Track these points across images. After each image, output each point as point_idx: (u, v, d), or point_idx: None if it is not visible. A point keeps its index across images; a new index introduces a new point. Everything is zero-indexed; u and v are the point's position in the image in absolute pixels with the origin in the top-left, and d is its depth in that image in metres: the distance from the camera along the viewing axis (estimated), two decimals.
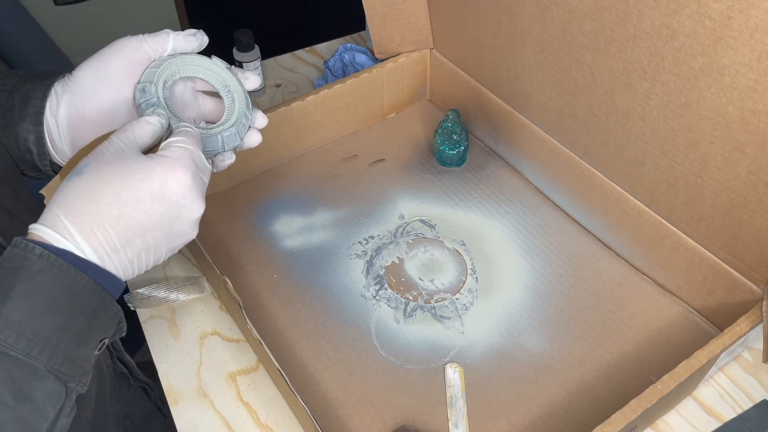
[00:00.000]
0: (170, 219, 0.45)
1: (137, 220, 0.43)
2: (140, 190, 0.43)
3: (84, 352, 0.43)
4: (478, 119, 0.87)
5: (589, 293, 0.71)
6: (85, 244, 0.42)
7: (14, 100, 0.53)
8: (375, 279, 0.72)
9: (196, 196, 0.46)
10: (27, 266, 0.40)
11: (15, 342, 0.39)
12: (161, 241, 0.45)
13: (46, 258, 0.41)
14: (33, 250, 0.41)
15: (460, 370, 0.64)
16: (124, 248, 0.43)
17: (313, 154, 0.87)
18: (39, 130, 0.53)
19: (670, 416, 0.62)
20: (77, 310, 0.42)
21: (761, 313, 0.59)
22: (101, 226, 0.42)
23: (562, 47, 0.66)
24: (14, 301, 0.40)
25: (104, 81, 0.52)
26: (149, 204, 0.43)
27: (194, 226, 0.47)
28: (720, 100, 0.54)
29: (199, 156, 0.47)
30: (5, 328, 0.39)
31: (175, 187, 0.44)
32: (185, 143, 0.46)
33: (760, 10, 0.47)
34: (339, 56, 0.96)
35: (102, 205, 0.42)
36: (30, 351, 0.40)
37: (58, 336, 0.41)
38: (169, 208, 0.44)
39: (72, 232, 0.42)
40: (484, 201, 0.81)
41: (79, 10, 1.54)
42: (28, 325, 0.40)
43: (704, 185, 0.60)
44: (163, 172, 0.44)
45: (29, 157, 0.54)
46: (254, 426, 0.62)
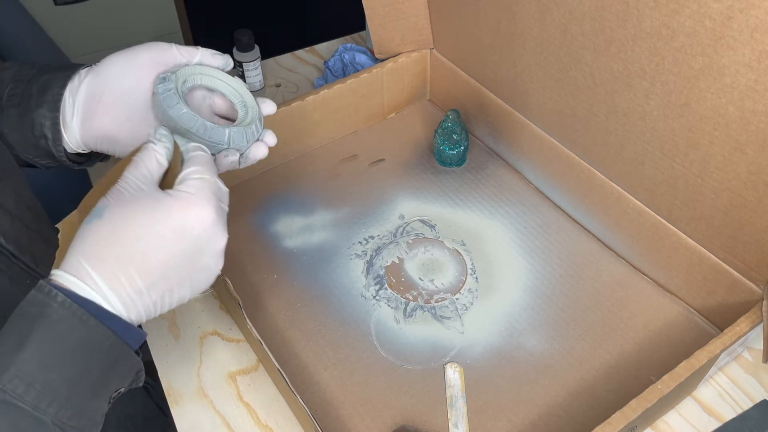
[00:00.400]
0: (193, 255, 0.44)
1: (160, 260, 0.42)
2: (162, 230, 0.42)
3: (97, 404, 0.42)
4: (478, 119, 0.87)
5: (589, 293, 0.71)
6: (108, 290, 0.41)
7: (32, 89, 0.54)
8: (375, 279, 0.72)
9: (219, 227, 0.45)
10: (47, 314, 0.39)
11: (24, 393, 0.38)
12: (184, 279, 0.44)
13: (68, 307, 0.40)
14: (56, 297, 0.40)
15: (460, 370, 0.64)
16: (148, 290, 0.42)
17: (313, 154, 0.87)
18: (55, 116, 0.53)
19: (670, 416, 0.62)
20: (93, 362, 0.41)
21: (761, 313, 0.59)
22: (125, 270, 0.41)
23: (562, 47, 0.66)
24: (29, 351, 0.39)
25: (129, 69, 0.52)
26: (171, 243, 0.42)
27: (218, 258, 0.46)
28: (720, 100, 0.54)
29: (217, 186, 0.46)
30: (16, 377, 0.38)
31: (197, 223, 0.43)
32: (201, 173, 0.46)
33: (760, 10, 0.47)
34: (339, 56, 0.96)
35: (124, 248, 0.41)
36: (38, 403, 0.39)
37: (70, 389, 0.40)
38: (191, 244, 0.43)
39: (95, 278, 0.41)
40: (484, 201, 0.81)
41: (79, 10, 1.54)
42: (39, 376, 0.39)
43: (704, 185, 0.60)
44: (182, 208, 0.43)
45: (44, 144, 0.54)
46: (254, 426, 0.62)
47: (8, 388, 0.38)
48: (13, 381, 0.38)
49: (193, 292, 0.46)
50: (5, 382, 0.38)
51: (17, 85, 0.55)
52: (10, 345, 0.39)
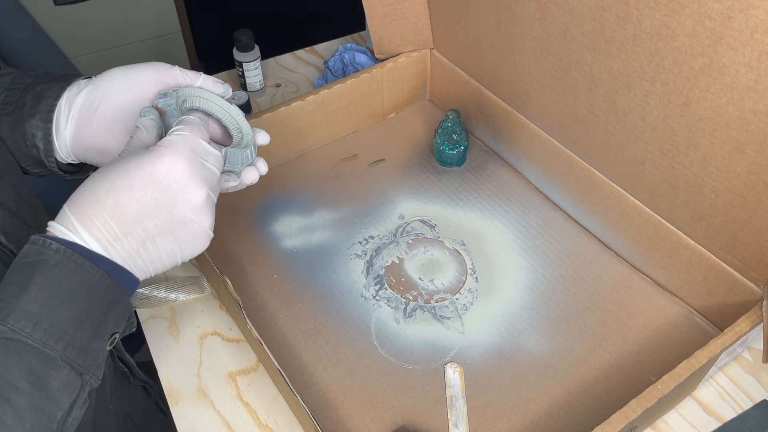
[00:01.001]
0: (167, 204, 0.45)
1: (132, 207, 0.44)
2: (132, 177, 0.44)
3: (98, 345, 0.44)
4: (478, 119, 0.87)
5: (589, 293, 0.71)
6: (85, 232, 0.43)
7: (26, 98, 0.54)
8: (375, 279, 0.72)
9: (192, 179, 0.46)
10: (44, 260, 0.42)
11: (32, 331, 0.40)
12: (164, 230, 0.45)
13: (63, 253, 0.42)
14: (50, 246, 0.42)
15: (460, 370, 0.64)
16: (126, 237, 0.44)
17: (313, 154, 0.87)
18: (47, 127, 0.54)
19: (670, 416, 0.62)
20: (92, 303, 0.43)
21: (761, 313, 0.59)
22: (99, 214, 0.43)
23: (562, 47, 0.66)
24: (32, 293, 0.41)
25: (129, 84, 0.54)
26: (141, 190, 0.44)
27: (199, 212, 0.47)
28: (720, 100, 0.54)
29: (198, 143, 0.47)
30: (23, 318, 0.40)
31: (165, 172, 0.45)
32: (183, 131, 0.47)
33: (760, 10, 0.47)
34: (339, 56, 0.96)
35: (98, 194, 0.44)
36: (47, 341, 0.41)
37: (74, 327, 0.42)
38: (163, 193, 0.45)
39: (74, 222, 0.43)
40: (484, 201, 0.81)
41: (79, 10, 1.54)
42: (44, 315, 0.41)
43: (704, 185, 0.60)
44: (153, 158, 0.45)
45: (35, 153, 0.55)
46: (254, 426, 0.62)
47: (17, 327, 0.40)
48: (20, 321, 0.40)
49: (181, 248, 0.47)
50: (13, 321, 0.40)
51: (12, 93, 0.55)
52: (12, 291, 0.41)
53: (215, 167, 0.49)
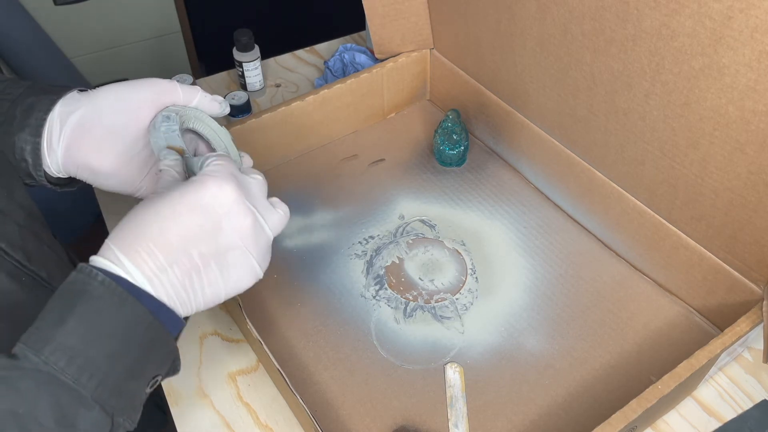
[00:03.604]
0: (212, 231, 0.44)
1: (178, 234, 0.43)
2: (177, 205, 0.43)
3: (135, 386, 0.42)
4: (478, 119, 0.87)
5: (589, 293, 0.71)
6: (130, 264, 0.42)
7: (16, 110, 0.53)
8: (375, 279, 0.72)
9: (239, 204, 0.45)
10: (88, 291, 0.40)
11: (65, 366, 0.39)
12: (209, 259, 0.44)
13: (107, 285, 0.41)
14: (96, 276, 0.41)
15: (460, 370, 0.64)
16: (171, 267, 0.43)
17: (313, 154, 0.87)
18: (36, 141, 0.52)
19: (670, 416, 0.62)
20: (132, 341, 0.41)
21: (761, 313, 0.59)
22: (144, 245, 0.42)
23: (562, 47, 0.66)
24: (70, 325, 0.40)
25: (126, 105, 0.53)
26: (187, 217, 0.43)
27: (245, 237, 0.45)
28: (720, 100, 0.54)
29: (234, 168, 0.47)
30: (57, 350, 0.39)
31: (211, 197, 0.44)
32: (219, 160, 0.47)
33: (760, 10, 0.47)
34: (339, 56, 0.96)
35: (143, 227, 0.43)
36: (79, 377, 0.39)
37: (109, 365, 0.40)
38: (208, 218, 0.44)
39: (117, 254, 0.42)
40: (484, 201, 0.81)
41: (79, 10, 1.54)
42: (80, 350, 0.39)
43: (704, 185, 0.60)
44: (198, 187, 0.44)
45: (24, 166, 0.54)
46: (254, 426, 0.62)
47: (50, 360, 0.39)
48: (55, 353, 0.39)
49: (224, 279, 0.45)
50: (47, 354, 0.39)
51: (2, 104, 0.54)
52: (52, 320, 0.40)
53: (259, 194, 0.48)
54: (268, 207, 0.49)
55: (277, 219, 0.49)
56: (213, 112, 0.56)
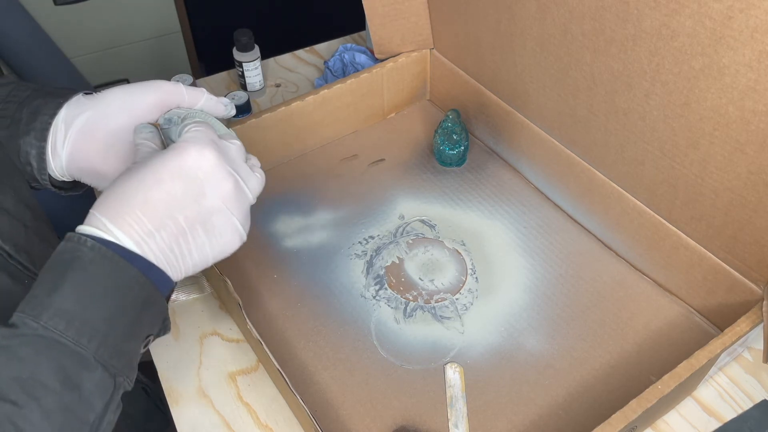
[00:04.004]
0: (195, 195, 0.45)
1: (162, 200, 0.44)
2: (160, 172, 0.44)
3: (132, 346, 0.43)
4: (478, 119, 0.87)
5: (589, 293, 0.71)
6: (118, 231, 0.42)
7: (22, 113, 0.54)
8: (375, 279, 0.72)
9: (219, 168, 0.46)
10: (79, 257, 0.41)
11: (65, 329, 0.39)
12: (194, 222, 0.45)
13: (97, 250, 0.41)
14: (85, 242, 0.41)
15: (460, 370, 0.64)
16: (158, 231, 0.43)
17: (313, 154, 0.87)
18: (41, 146, 0.53)
19: (670, 416, 0.62)
20: (127, 302, 0.42)
21: (761, 313, 0.59)
22: (130, 212, 0.43)
23: (562, 47, 0.66)
24: (66, 290, 0.40)
25: (130, 108, 0.53)
26: (169, 183, 0.44)
27: (228, 200, 0.46)
28: (720, 100, 0.54)
29: (214, 134, 0.47)
30: (55, 316, 0.40)
31: (192, 162, 0.45)
32: (197, 126, 0.47)
33: (760, 10, 0.47)
34: (339, 56, 0.96)
35: (128, 193, 0.43)
36: (79, 339, 0.40)
37: (108, 326, 0.41)
38: (190, 183, 0.45)
39: (105, 222, 0.42)
40: (484, 201, 0.81)
41: (79, 10, 1.54)
42: (78, 313, 0.40)
43: (704, 185, 0.60)
44: (178, 153, 0.45)
45: (29, 170, 0.55)
46: (254, 426, 0.62)
47: (49, 325, 0.39)
48: (53, 318, 0.39)
49: (211, 242, 0.46)
50: (46, 319, 0.39)
51: (8, 106, 0.54)
52: (47, 288, 0.41)
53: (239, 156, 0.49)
54: (248, 171, 0.49)
55: (256, 182, 0.50)
56: (218, 114, 0.56)
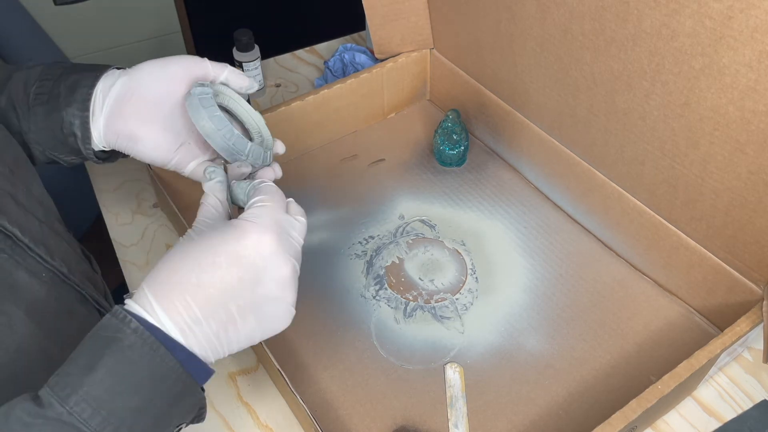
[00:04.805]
0: (251, 282, 0.43)
1: (216, 287, 0.42)
2: (217, 256, 0.42)
3: None
4: (478, 119, 0.87)
5: (589, 293, 0.71)
6: (164, 315, 0.41)
7: (60, 88, 0.56)
8: (375, 279, 0.72)
9: (280, 255, 0.44)
10: (120, 339, 0.40)
11: (89, 418, 0.38)
12: (246, 311, 0.43)
13: (140, 334, 0.40)
14: (129, 323, 0.40)
15: (460, 370, 0.64)
16: (206, 320, 0.42)
17: (313, 154, 0.87)
18: (84, 116, 0.56)
19: (670, 416, 0.62)
20: (159, 393, 0.40)
21: (761, 313, 0.59)
22: (181, 297, 0.41)
23: (562, 47, 0.66)
24: (99, 375, 0.39)
25: (162, 77, 0.56)
26: (226, 269, 0.42)
27: (284, 287, 0.44)
28: (720, 100, 0.54)
29: (282, 214, 0.46)
30: (83, 401, 0.38)
31: (252, 248, 0.43)
32: (264, 201, 0.46)
33: (760, 10, 0.47)
34: (339, 56, 0.96)
35: (182, 275, 0.42)
36: (102, 430, 0.38)
37: (134, 419, 0.40)
38: (248, 270, 0.43)
39: (153, 304, 0.41)
40: (484, 201, 0.81)
41: (79, 10, 1.54)
42: (106, 402, 0.39)
43: (704, 185, 0.60)
44: (239, 236, 0.43)
45: (72, 141, 0.57)
46: (254, 426, 0.62)
47: (74, 411, 0.38)
48: (80, 404, 0.38)
49: (261, 327, 0.44)
50: (72, 404, 0.38)
51: (44, 83, 0.57)
52: (81, 366, 0.39)
53: (300, 238, 0.47)
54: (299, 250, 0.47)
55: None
56: (242, 87, 0.58)
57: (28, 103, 0.57)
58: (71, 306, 0.53)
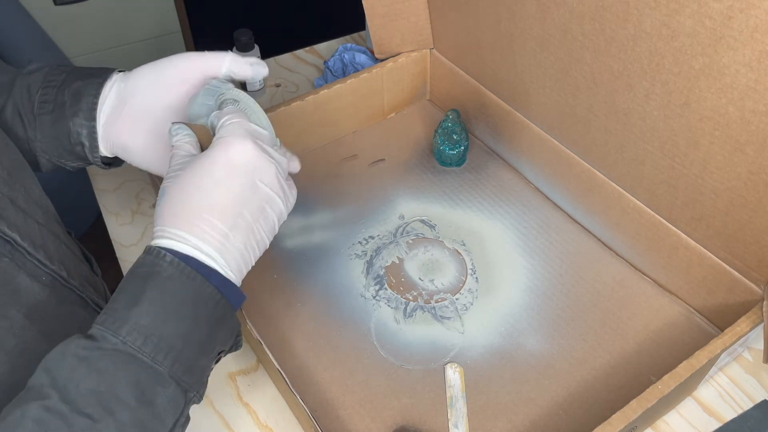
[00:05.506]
0: (251, 187, 0.46)
1: (228, 199, 0.44)
2: (213, 173, 0.45)
3: (204, 362, 0.44)
4: (478, 119, 0.87)
5: (589, 293, 0.71)
6: (196, 239, 0.43)
7: (64, 96, 0.56)
8: (375, 279, 0.72)
9: (261, 158, 0.47)
10: (158, 272, 0.42)
11: (142, 345, 0.40)
12: (256, 213, 0.46)
13: (176, 265, 0.42)
14: (164, 257, 0.42)
15: (460, 370, 0.64)
16: (232, 232, 0.44)
17: (313, 154, 0.87)
18: (92, 125, 0.55)
19: (670, 416, 0.62)
20: (201, 319, 0.43)
21: (761, 313, 0.59)
22: (203, 219, 0.43)
23: (562, 47, 0.66)
24: (144, 306, 0.41)
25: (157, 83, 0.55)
26: (227, 181, 0.45)
27: (274, 186, 0.48)
28: (720, 100, 0.54)
29: (249, 125, 0.48)
30: (134, 331, 0.40)
31: (240, 156, 0.45)
32: (231, 118, 0.48)
33: (760, 10, 0.47)
34: (339, 56, 0.96)
35: (192, 202, 0.44)
36: (156, 355, 0.40)
37: (182, 343, 0.42)
38: (244, 175, 0.45)
39: (181, 234, 0.43)
40: (484, 201, 0.81)
41: (79, 10, 1.54)
42: (155, 329, 0.41)
43: (704, 185, 0.60)
44: (224, 148, 0.45)
45: (80, 150, 0.57)
46: (254, 426, 0.62)
47: (128, 340, 0.40)
48: (132, 333, 0.40)
49: (268, 226, 0.48)
50: (125, 334, 0.40)
51: (47, 91, 0.56)
52: (125, 301, 0.41)
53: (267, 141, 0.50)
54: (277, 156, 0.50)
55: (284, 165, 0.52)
56: (246, 76, 0.58)
57: (33, 112, 0.56)
58: (71, 309, 0.53)
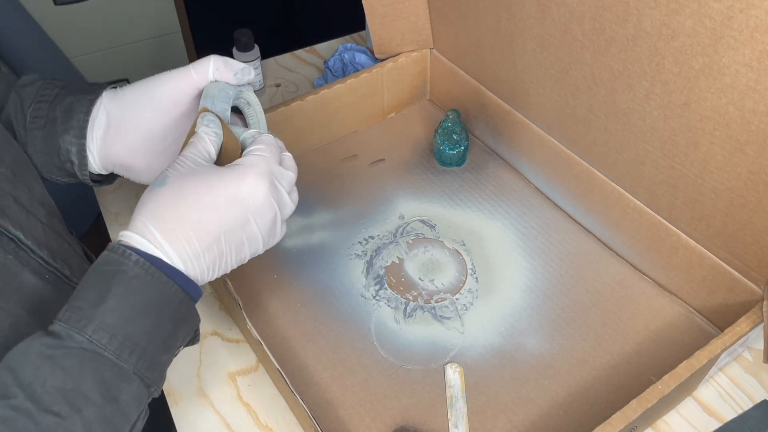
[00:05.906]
0: (243, 222, 0.47)
1: (215, 225, 0.45)
2: (217, 196, 0.45)
3: (166, 358, 0.45)
4: (478, 119, 0.87)
5: (589, 293, 0.71)
6: (171, 250, 0.44)
7: (56, 112, 0.55)
8: (375, 279, 0.72)
9: (268, 201, 0.48)
10: (123, 271, 0.43)
11: (108, 343, 0.41)
12: (233, 246, 0.47)
13: (141, 265, 0.43)
14: (129, 256, 0.43)
15: (460, 370, 0.64)
16: (204, 253, 0.45)
17: (313, 154, 0.87)
18: (81, 143, 0.55)
19: (670, 416, 0.62)
20: (165, 317, 0.44)
21: (761, 313, 0.59)
22: (185, 232, 0.44)
23: (562, 47, 0.66)
24: (110, 304, 0.42)
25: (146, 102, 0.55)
26: (225, 209, 0.46)
27: (265, 230, 0.49)
28: (720, 100, 0.54)
29: (275, 165, 0.49)
30: (100, 329, 0.41)
31: (248, 193, 0.46)
32: (262, 151, 0.49)
33: (760, 10, 0.47)
34: (339, 56, 0.96)
35: (184, 213, 0.45)
36: (121, 353, 0.41)
37: (147, 341, 0.43)
38: (243, 212, 0.46)
39: (159, 238, 0.44)
40: (484, 201, 0.81)
41: (79, 10, 1.54)
42: (120, 328, 0.42)
43: (704, 185, 0.60)
44: (238, 178, 0.46)
45: (69, 167, 0.56)
46: (254, 426, 0.62)
47: (94, 339, 0.41)
48: (97, 332, 0.41)
49: (239, 258, 0.49)
50: (90, 332, 0.41)
51: (40, 105, 0.56)
52: (90, 299, 0.42)
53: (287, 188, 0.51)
54: (288, 202, 0.51)
55: (289, 211, 0.52)
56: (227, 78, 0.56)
57: (25, 126, 0.56)
58: None
